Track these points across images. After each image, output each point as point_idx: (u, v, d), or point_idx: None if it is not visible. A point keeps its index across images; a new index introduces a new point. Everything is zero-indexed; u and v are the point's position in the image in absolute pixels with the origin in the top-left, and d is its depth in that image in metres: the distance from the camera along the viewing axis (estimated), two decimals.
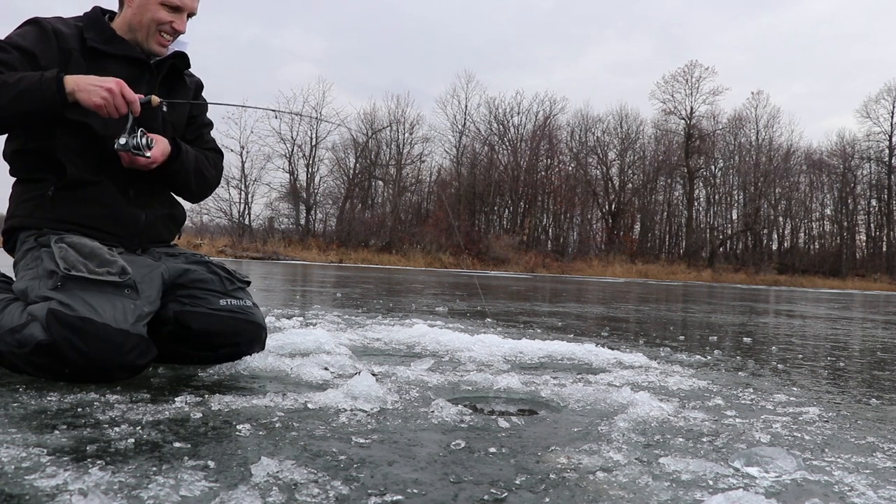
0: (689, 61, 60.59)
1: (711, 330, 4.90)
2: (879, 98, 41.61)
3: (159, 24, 2.17)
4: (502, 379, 2.11)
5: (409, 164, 42.59)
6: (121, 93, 1.98)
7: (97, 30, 2.17)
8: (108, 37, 2.17)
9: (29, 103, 1.93)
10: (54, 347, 1.77)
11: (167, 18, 2.17)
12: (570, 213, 42.65)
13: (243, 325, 2.21)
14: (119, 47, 2.17)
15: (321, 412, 1.64)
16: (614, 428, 1.62)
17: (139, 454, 1.24)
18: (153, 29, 2.18)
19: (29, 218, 2.11)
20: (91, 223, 2.10)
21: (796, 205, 42.70)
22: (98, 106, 1.96)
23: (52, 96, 1.92)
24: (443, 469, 1.26)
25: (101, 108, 1.97)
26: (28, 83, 1.92)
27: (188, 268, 2.21)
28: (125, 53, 2.18)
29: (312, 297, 6.45)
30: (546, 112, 42.85)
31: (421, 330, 3.13)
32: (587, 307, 7.07)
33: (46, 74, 1.94)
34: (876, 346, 4.36)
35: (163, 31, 2.19)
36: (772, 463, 1.33)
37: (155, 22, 2.16)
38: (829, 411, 2.00)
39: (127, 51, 2.18)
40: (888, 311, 9.84)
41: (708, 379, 2.47)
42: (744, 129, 43.75)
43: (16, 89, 1.91)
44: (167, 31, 2.19)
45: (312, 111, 40.66)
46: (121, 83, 2.00)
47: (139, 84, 2.17)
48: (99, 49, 2.13)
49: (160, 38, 2.20)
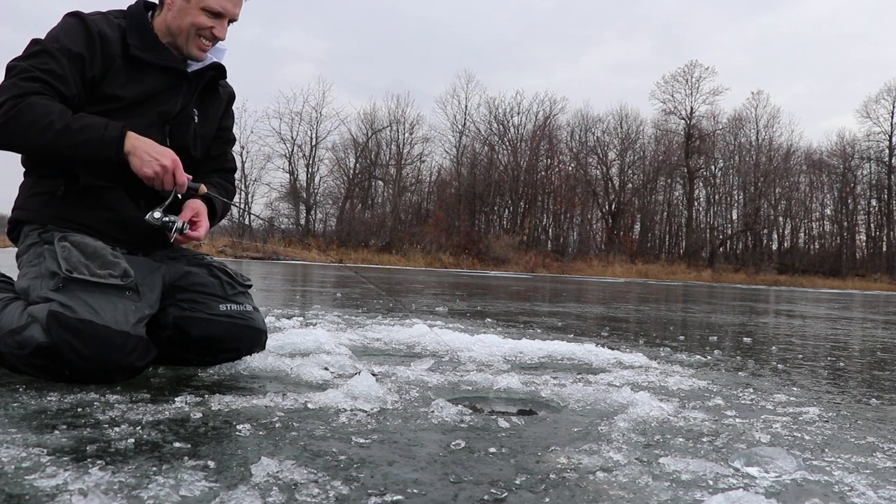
0: (690, 61, 60.74)
1: (711, 330, 4.90)
2: (879, 98, 41.67)
3: (199, 30, 2.11)
4: (502, 379, 2.11)
5: (409, 164, 42.64)
6: (173, 172, 1.97)
7: (140, 34, 2.11)
8: (150, 43, 2.11)
9: (85, 154, 1.92)
10: (54, 350, 1.76)
11: (207, 24, 2.11)
12: (570, 213, 42.68)
13: (243, 331, 2.20)
14: (160, 56, 2.11)
15: (321, 412, 1.64)
16: (614, 428, 1.62)
17: (139, 454, 1.24)
18: (192, 34, 2.12)
19: (35, 214, 2.08)
20: (97, 226, 2.07)
21: (796, 205, 42.71)
22: (147, 177, 1.96)
23: (108, 156, 1.92)
24: (443, 469, 1.26)
25: (149, 179, 1.96)
26: (90, 135, 1.89)
27: (189, 270, 2.20)
28: (165, 64, 2.12)
29: (312, 297, 6.45)
30: (546, 112, 42.94)
31: (421, 330, 3.13)
32: (587, 307, 7.07)
33: (110, 131, 1.91)
34: (876, 346, 4.36)
35: (203, 37, 2.13)
36: (772, 463, 1.33)
37: (195, 27, 2.11)
38: (829, 411, 2.00)
39: (167, 61, 2.13)
40: (888, 311, 9.84)
41: (708, 379, 2.47)
42: (744, 129, 43.83)
43: (77, 138, 1.89)
44: (207, 37, 2.14)
45: (313, 111, 40.74)
46: (176, 161, 1.97)
47: (176, 95, 2.15)
48: (140, 58, 2.08)
49: (200, 42, 2.14)
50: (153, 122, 2.11)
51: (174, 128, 2.17)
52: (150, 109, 2.10)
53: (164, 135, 2.15)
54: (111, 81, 2.03)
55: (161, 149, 1.97)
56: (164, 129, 2.15)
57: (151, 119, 2.10)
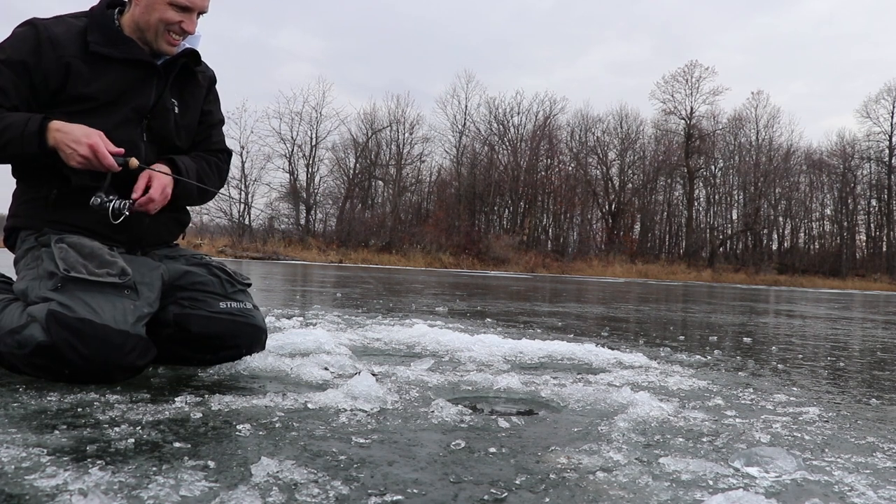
0: (690, 61, 60.72)
1: (711, 330, 4.89)
2: (879, 98, 41.65)
3: (168, 25, 2.09)
4: (502, 379, 2.11)
5: (409, 164, 42.63)
6: (95, 156, 1.92)
7: (102, 30, 2.09)
8: (112, 38, 2.08)
9: (12, 154, 1.95)
10: (54, 349, 1.76)
11: (176, 19, 2.08)
12: (570, 213, 42.68)
13: (243, 328, 2.20)
14: (123, 49, 2.09)
15: (321, 412, 1.64)
16: (614, 428, 1.62)
17: (139, 454, 1.24)
18: (161, 29, 2.09)
19: (30, 219, 2.10)
20: (93, 227, 2.07)
21: (796, 205, 42.70)
22: (77, 169, 1.96)
23: (32, 151, 1.93)
24: (443, 469, 1.26)
25: (81, 169, 1.96)
26: (13, 134, 1.91)
27: (188, 269, 2.20)
28: (129, 56, 2.09)
29: (312, 297, 6.45)
30: (546, 112, 42.91)
31: (421, 330, 3.13)
32: (587, 307, 7.07)
33: (30, 126, 1.91)
34: (876, 346, 4.36)
35: (172, 31, 2.11)
36: (772, 463, 1.33)
37: (163, 22, 2.08)
38: (829, 411, 2.00)
39: (132, 53, 2.10)
40: (888, 311, 9.84)
41: (708, 379, 2.47)
42: (744, 129, 43.80)
43: (2, 139, 1.91)
44: (176, 32, 2.11)
45: (312, 111, 40.73)
46: (95, 145, 1.91)
47: (148, 87, 2.14)
48: (102, 53, 2.06)
49: (169, 37, 2.12)
50: (129, 118, 2.10)
51: (152, 121, 2.15)
52: (124, 106, 2.09)
53: (143, 129, 2.14)
54: (75, 82, 2.02)
55: (79, 136, 1.92)
56: (142, 124, 2.14)
57: (126, 115, 2.10)
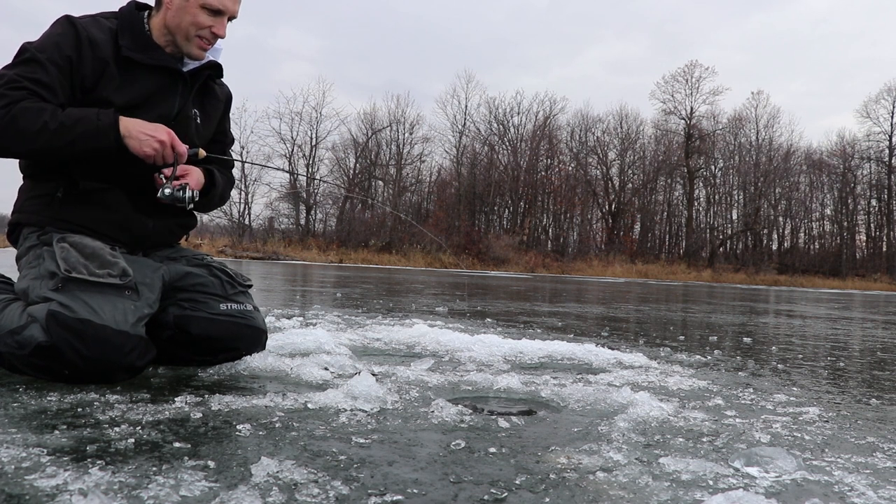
0: (689, 61, 60.69)
1: (711, 330, 4.89)
2: (879, 98, 41.61)
3: (199, 29, 2.08)
4: (502, 379, 2.11)
5: (409, 164, 42.60)
6: (171, 144, 1.99)
7: (132, 34, 2.08)
8: (142, 44, 2.09)
9: (84, 147, 1.93)
10: (54, 349, 1.76)
11: (207, 23, 2.08)
12: (570, 213, 42.65)
13: (243, 330, 2.20)
14: (153, 56, 2.09)
15: (321, 412, 1.64)
16: (614, 428, 1.62)
17: (139, 454, 1.24)
18: (192, 33, 2.08)
19: (35, 216, 2.09)
20: (97, 227, 2.07)
21: (796, 205, 42.68)
22: (147, 156, 1.98)
23: (108, 144, 1.93)
24: (443, 469, 1.26)
25: (150, 158, 1.98)
26: (85, 128, 1.91)
27: (189, 270, 2.20)
28: (159, 63, 2.10)
29: (312, 297, 6.45)
30: (546, 112, 42.87)
31: (421, 330, 3.13)
32: (587, 307, 7.07)
33: (103, 119, 1.92)
34: (876, 346, 4.36)
35: (202, 36, 2.10)
36: (772, 463, 1.33)
37: (195, 26, 2.07)
38: (829, 411, 2.00)
39: (161, 60, 2.10)
40: (888, 311, 9.84)
41: (708, 379, 2.47)
42: (744, 129, 43.76)
43: (74, 133, 1.90)
44: (206, 36, 2.11)
45: (312, 111, 40.73)
46: (171, 134, 2.00)
47: (173, 95, 2.15)
48: (132, 59, 2.06)
49: (200, 42, 2.11)
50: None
51: (175, 129, 2.16)
52: (148, 112, 2.09)
53: None
54: (105, 85, 2.02)
55: (153, 125, 2.00)
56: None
57: (151, 120, 2.09)
